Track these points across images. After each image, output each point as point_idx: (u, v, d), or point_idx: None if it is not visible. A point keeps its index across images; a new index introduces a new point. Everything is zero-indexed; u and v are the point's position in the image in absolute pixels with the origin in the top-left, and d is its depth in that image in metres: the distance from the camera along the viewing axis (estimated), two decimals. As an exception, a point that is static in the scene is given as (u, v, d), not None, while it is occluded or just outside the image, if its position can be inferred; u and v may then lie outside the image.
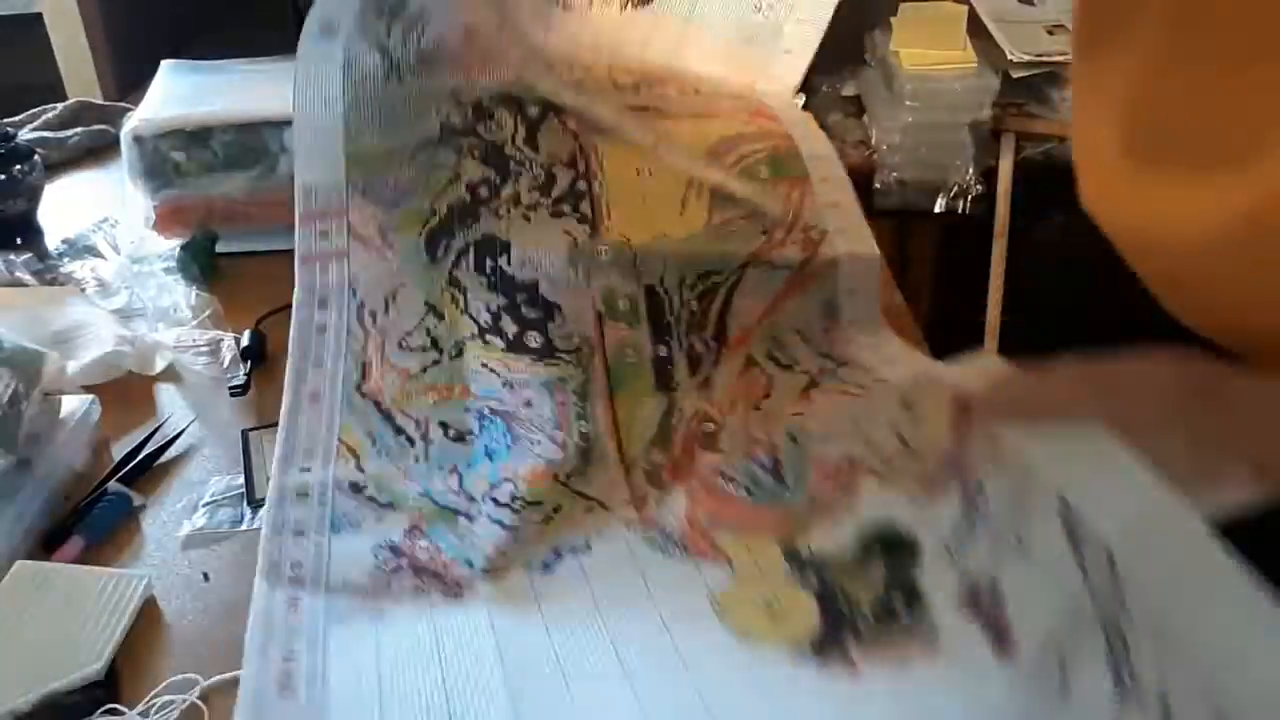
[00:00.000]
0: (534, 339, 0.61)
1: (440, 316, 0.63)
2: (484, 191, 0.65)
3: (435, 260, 0.64)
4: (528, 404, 0.60)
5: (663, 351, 0.62)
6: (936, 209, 1.28)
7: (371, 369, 0.63)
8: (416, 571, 0.54)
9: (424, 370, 0.62)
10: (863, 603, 0.49)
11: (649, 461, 0.59)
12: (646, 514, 0.56)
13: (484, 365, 0.61)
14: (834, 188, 0.71)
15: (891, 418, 0.54)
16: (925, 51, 1.27)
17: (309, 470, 0.58)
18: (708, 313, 0.64)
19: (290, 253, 0.91)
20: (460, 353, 0.62)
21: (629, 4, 0.75)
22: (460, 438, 0.60)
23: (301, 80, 0.67)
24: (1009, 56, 1.26)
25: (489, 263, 0.63)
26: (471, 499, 0.57)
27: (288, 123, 0.88)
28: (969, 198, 1.27)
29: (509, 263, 0.62)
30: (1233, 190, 0.46)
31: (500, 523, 0.56)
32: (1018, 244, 1.21)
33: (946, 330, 1.07)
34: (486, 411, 0.60)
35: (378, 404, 0.62)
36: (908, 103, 1.25)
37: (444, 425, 0.61)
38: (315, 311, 0.65)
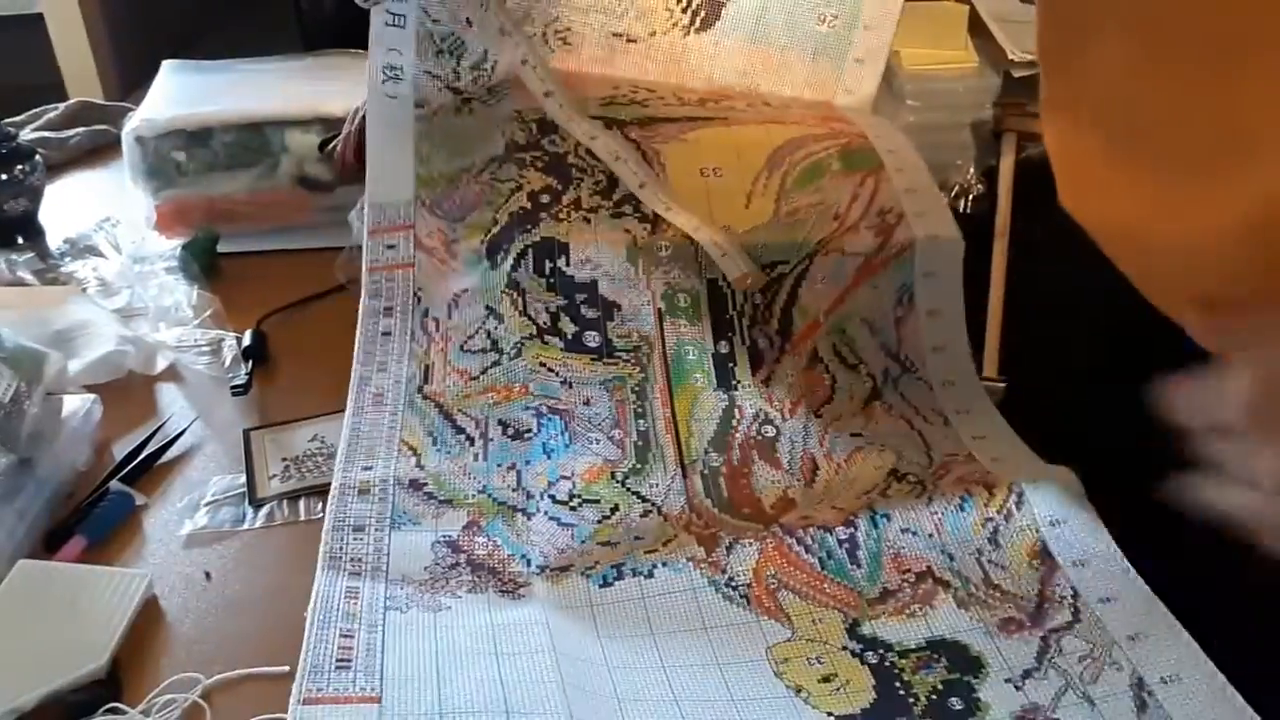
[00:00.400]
0: (592, 338, 0.62)
1: (499, 319, 0.64)
2: (545, 199, 0.66)
3: (495, 265, 0.65)
4: (586, 402, 0.60)
5: (724, 348, 0.62)
6: (937, 209, 1.28)
7: (434, 372, 0.64)
8: (474, 568, 0.54)
9: (484, 371, 0.63)
10: (920, 695, 0.48)
11: (707, 465, 0.58)
12: (715, 557, 0.56)
13: (542, 365, 0.62)
14: (911, 175, 0.69)
15: (977, 544, 0.54)
16: (926, 51, 1.26)
17: (370, 468, 0.59)
18: (772, 306, 0.64)
19: (292, 252, 0.91)
20: (519, 353, 0.63)
21: (691, 30, 0.75)
22: (519, 435, 0.61)
23: (374, 119, 0.72)
24: (1010, 56, 1.26)
25: (548, 264, 0.63)
26: (529, 495, 0.58)
27: (289, 122, 0.88)
28: (970, 197, 1.26)
29: (567, 263, 0.63)
30: (1225, 196, 0.46)
31: (557, 520, 0.56)
32: (1019, 243, 1.21)
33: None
34: (544, 410, 0.60)
35: (439, 405, 0.62)
36: (909, 102, 1.25)
37: (503, 424, 0.61)
38: (380, 318, 0.67)
